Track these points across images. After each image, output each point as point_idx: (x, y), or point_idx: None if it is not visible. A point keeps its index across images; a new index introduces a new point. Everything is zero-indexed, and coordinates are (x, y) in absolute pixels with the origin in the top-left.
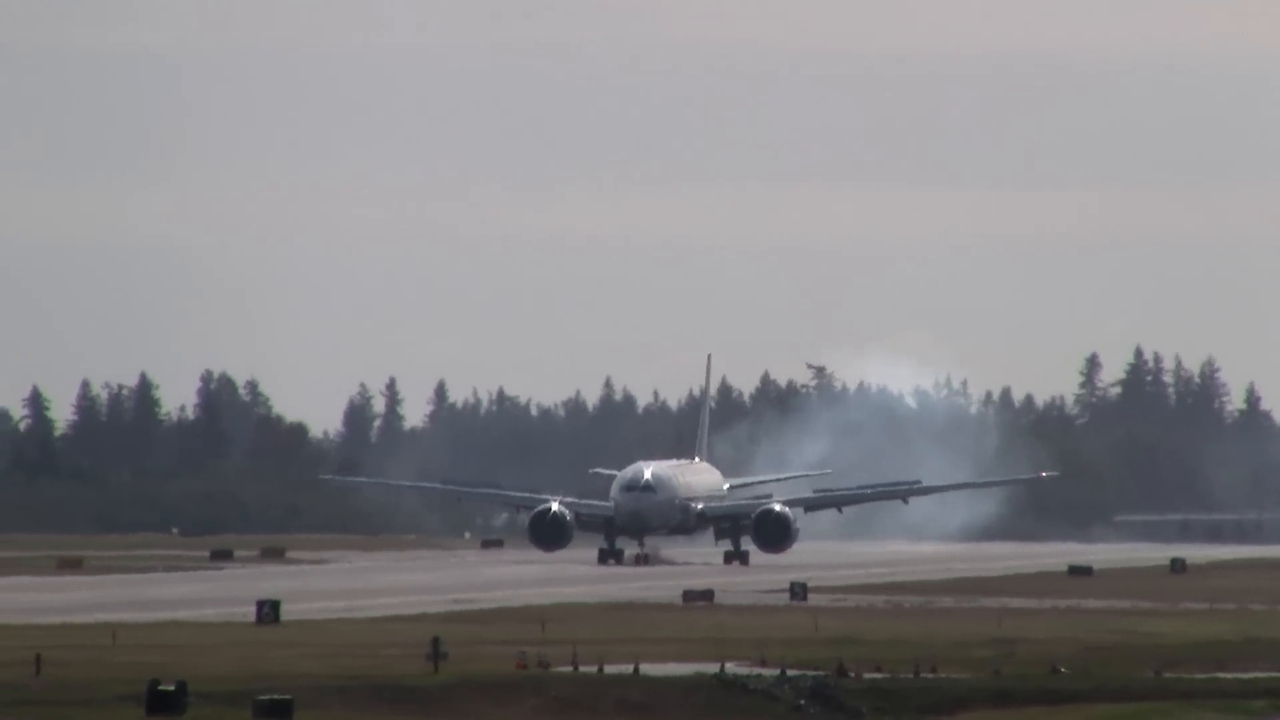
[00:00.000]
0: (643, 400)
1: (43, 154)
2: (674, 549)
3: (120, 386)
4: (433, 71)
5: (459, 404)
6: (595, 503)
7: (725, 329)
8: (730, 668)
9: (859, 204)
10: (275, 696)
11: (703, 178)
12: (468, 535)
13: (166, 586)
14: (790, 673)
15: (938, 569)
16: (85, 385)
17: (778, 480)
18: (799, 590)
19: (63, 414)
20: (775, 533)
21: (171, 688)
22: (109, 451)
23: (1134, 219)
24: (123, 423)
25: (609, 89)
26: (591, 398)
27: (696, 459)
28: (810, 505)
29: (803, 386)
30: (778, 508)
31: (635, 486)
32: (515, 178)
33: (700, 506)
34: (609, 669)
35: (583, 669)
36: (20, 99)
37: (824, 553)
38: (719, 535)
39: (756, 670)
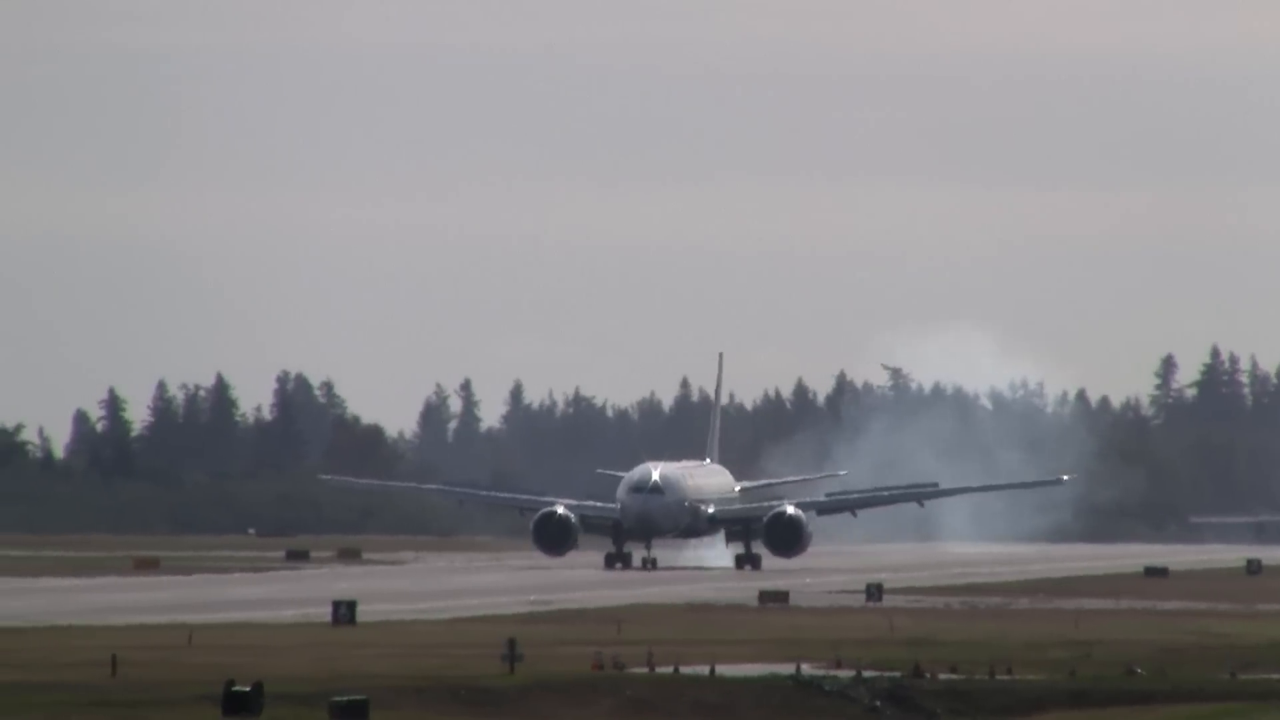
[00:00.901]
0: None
1: (114, 156)
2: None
3: (197, 388)
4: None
5: (534, 405)
6: (602, 504)
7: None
8: (806, 669)
9: (936, 205)
10: (351, 697)
11: (773, 181)
12: None
13: (243, 587)
14: (866, 674)
15: (1014, 570)
16: (162, 386)
17: (792, 482)
18: (874, 591)
19: (139, 415)
20: (787, 536)
21: (247, 688)
22: (185, 452)
23: (1210, 219)
24: (199, 424)
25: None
26: (667, 398)
27: (708, 460)
28: (823, 509)
29: (879, 388)
30: (790, 511)
31: (643, 488)
32: (590, 181)
33: (711, 509)
34: (685, 670)
35: (658, 670)
36: (80, 99)
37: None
38: (730, 538)
39: (832, 671)
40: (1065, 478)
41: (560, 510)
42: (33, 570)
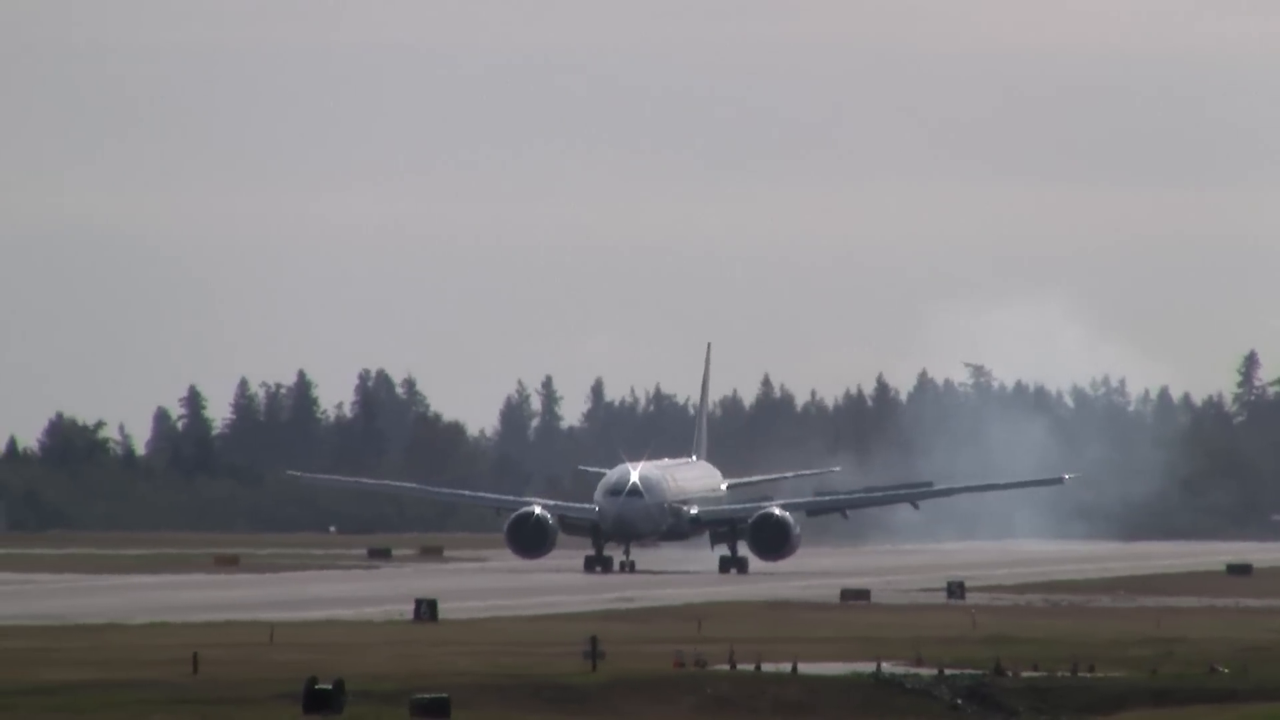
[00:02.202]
0: (800, 398)
1: (199, 155)
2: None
3: (278, 385)
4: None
5: (616, 402)
6: (582, 505)
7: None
8: (887, 667)
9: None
10: (432, 695)
11: (849, 179)
12: None
13: (324, 585)
14: (947, 672)
15: (1095, 568)
16: (243, 384)
17: (783, 479)
18: (956, 589)
19: (220, 413)
20: (774, 539)
21: (329, 686)
22: (266, 450)
23: None
24: (280, 421)
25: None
26: (748, 396)
27: (694, 457)
28: (813, 509)
29: (961, 385)
30: (777, 511)
31: (620, 490)
32: (674, 181)
33: (694, 510)
34: (766, 668)
35: (740, 668)
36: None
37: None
38: (715, 540)
39: (913, 669)
40: (1067, 476)
41: (538, 511)
42: (114, 568)
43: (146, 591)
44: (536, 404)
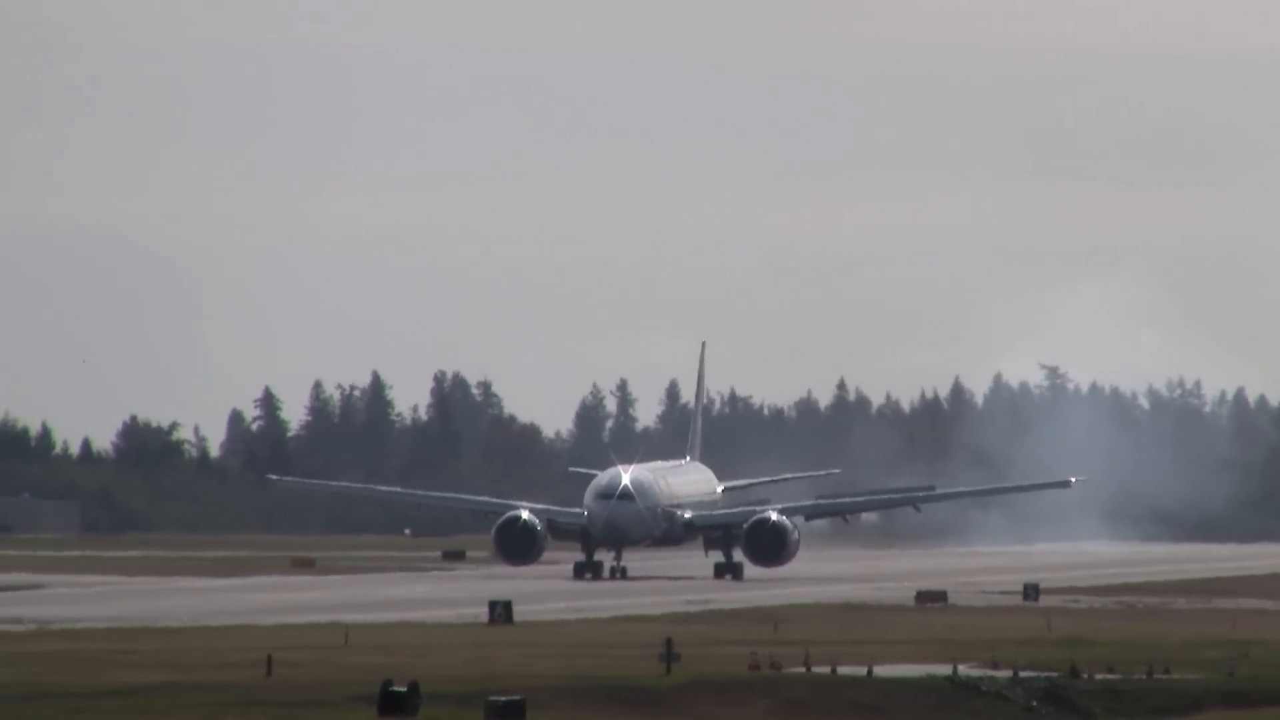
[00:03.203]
0: (876, 401)
1: (275, 155)
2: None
3: (352, 387)
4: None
5: (691, 404)
6: (571, 510)
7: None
8: (963, 669)
9: (1089, 203)
10: (507, 697)
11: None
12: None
13: (399, 587)
14: (1023, 674)
15: (1171, 570)
16: (318, 386)
17: (780, 481)
18: (1031, 591)
19: (295, 415)
20: (771, 544)
21: (404, 688)
22: (341, 452)
23: None
24: (355, 423)
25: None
26: (824, 398)
27: (688, 459)
28: (811, 513)
29: (1036, 387)
30: (774, 516)
31: (610, 494)
32: (746, 181)
33: (687, 514)
34: (842, 670)
35: (815, 670)
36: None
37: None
38: (709, 546)
39: (989, 672)
40: (1073, 480)
41: (525, 515)
42: (188, 570)
43: (221, 594)
44: (611, 406)
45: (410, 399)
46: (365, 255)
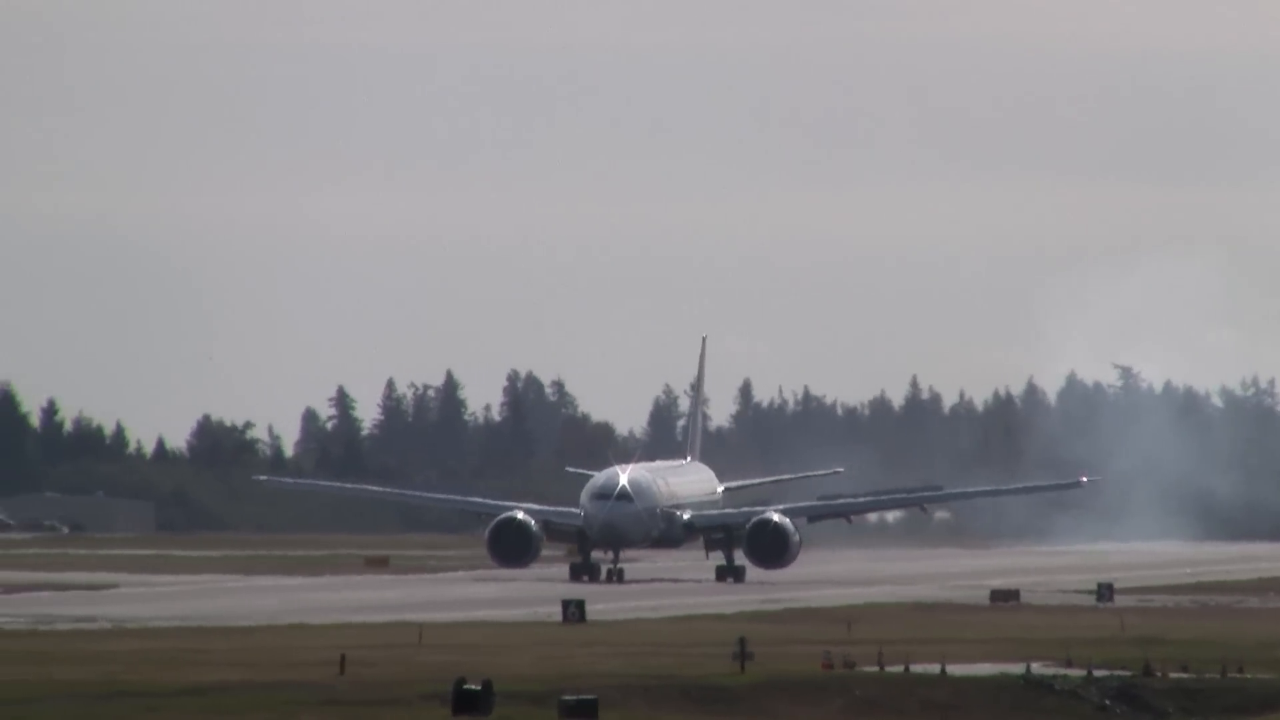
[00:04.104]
0: (949, 400)
1: (341, 155)
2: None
3: (426, 386)
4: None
5: (764, 403)
6: (568, 510)
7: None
8: (1036, 668)
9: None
10: (580, 696)
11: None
12: None
13: (472, 586)
14: (1096, 673)
15: (1246, 569)
16: (391, 385)
17: (783, 481)
18: (1105, 591)
19: (369, 414)
20: (772, 546)
21: (477, 687)
22: (414, 451)
23: None
24: (428, 422)
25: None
26: (897, 397)
27: (688, 458)
28: (814, 514)
29: (1110, 386)
30: (776, 518)
31: (608, 495)
32: (817, 181)
33: (687, 515)
34: (915, 669)
35: (889, 669)
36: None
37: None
38: (709, 547)
39: (1062, 671)
40: (1084, 479)
41: (520, 516)
42: (262, 569)
43: (295, 593)
44: (685, 405)
45: (483, 398)
46: (439, 255)
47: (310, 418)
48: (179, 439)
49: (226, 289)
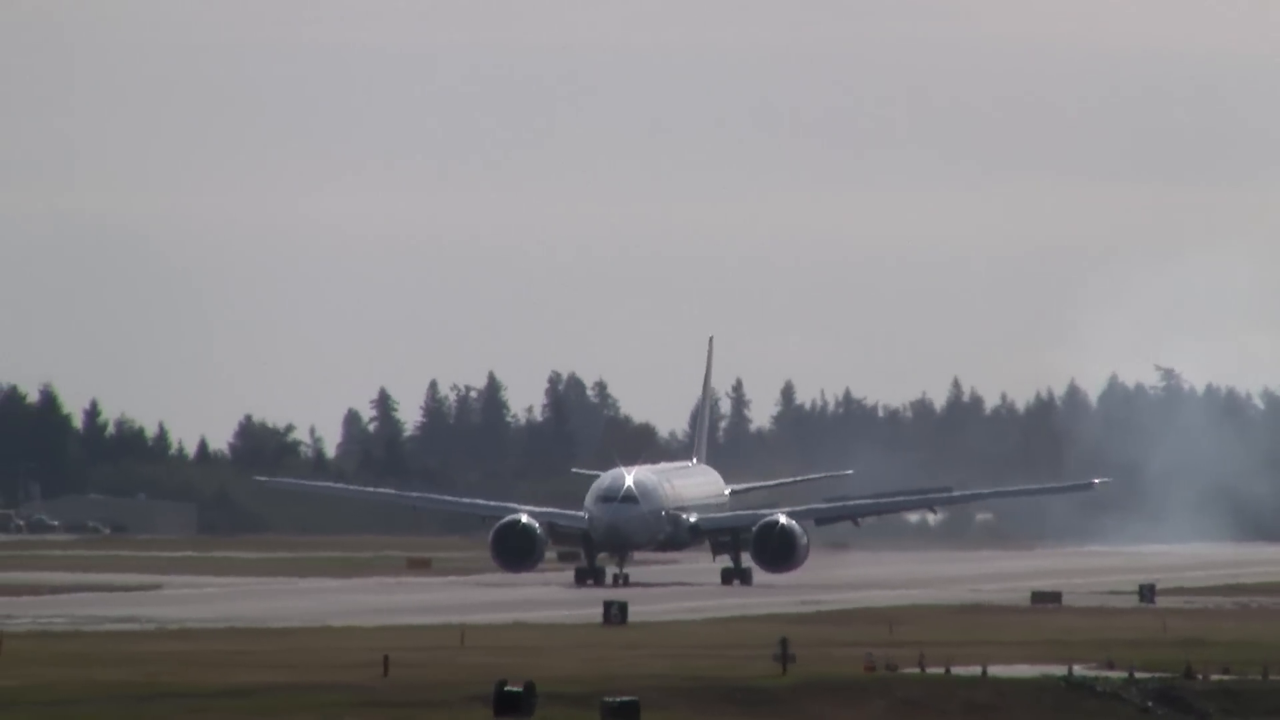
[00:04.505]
0: (990, 402)
1: (399, 158)
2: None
3: (468, 388)
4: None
5: (806, 405)
6: (573, 513)
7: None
8: (1078, 670)
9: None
10: (622, 698)
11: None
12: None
13: (514, 588)
14: (1138, 675)
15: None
16: (433, 387)
17: (790, 484)
18: (1147, 592)
19: (411, 416)
20: (779, 549)
21: (519, 689)
22: (457, 453)
23: None
24: (470, 424)
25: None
26: (939, 399)
27: (694, 460)
28: (821, 516)
29: (1151, 388)
30: (783, 520)
31: (613, 497)
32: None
33: (693, 518)
34: (956, 670)
35: (930, 670)
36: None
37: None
38: (716, 550)
39: (1104, 672)
40: (1097, 481)
41: (524, 519)
42: (305, 571)
43: (338, 594)
44: (726, 406)
45: (525, 400)
46: (481, 257)
47: (352, 420)
48: (221, 441)
49: (269, 291)
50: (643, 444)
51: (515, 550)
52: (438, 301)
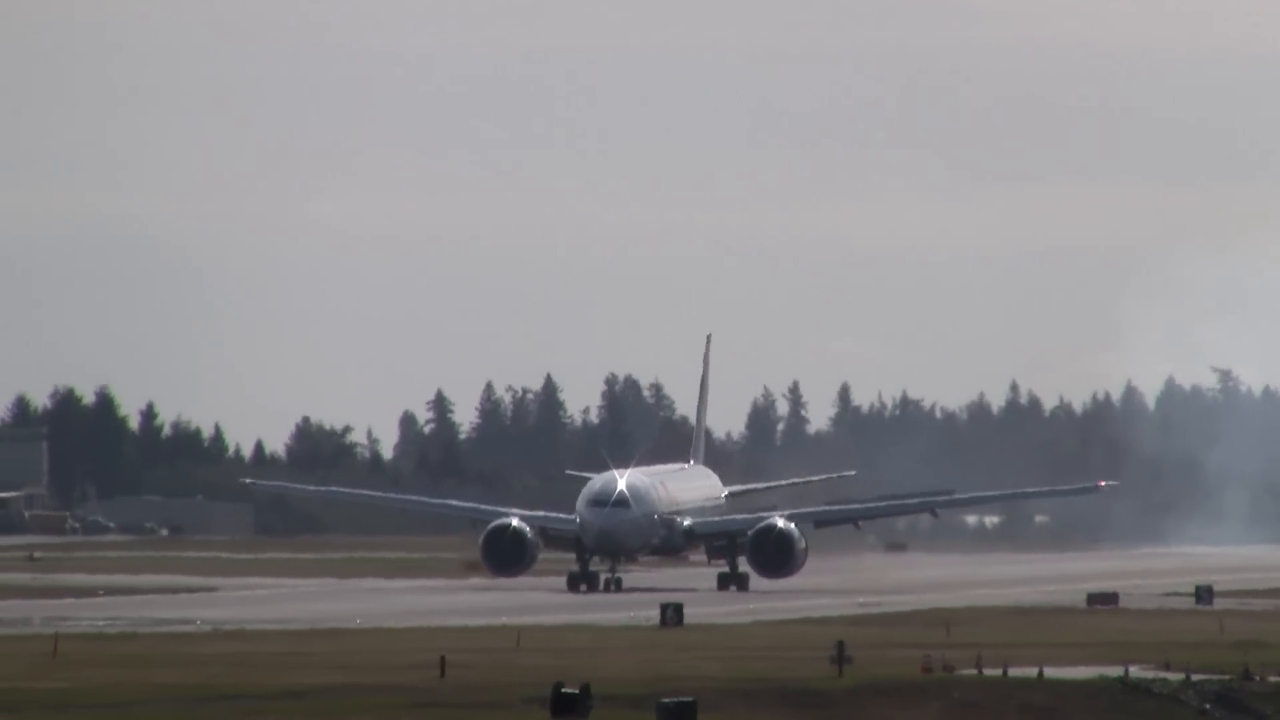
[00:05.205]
0: (1048, 404)
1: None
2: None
3: (524, 390)
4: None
5: (863, 407)
6: (566, 516)
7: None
8: (1135, 671)
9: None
10: (678, 699)
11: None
12: (871, 539)
13: (570, 591)
14: (1195, 677)
15: None
16: (489, 388)
17: (789, 485)
18: (1204, 594)
19: (467, 417)
20: (776, 554)
21: (575, 690)
22: (513, 454)
23: None
24: (526, 425)
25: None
26: (996, 401)
27: (691, 462)
28: (821, 520)
29: (1208, 390)
30: (780, 524)
31: (604, 501)
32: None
33: (688, 522)
34: (1013, 672)
35: (987, 672)
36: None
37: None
38: (712, 555)
39: (1161, 674)
40: (1102, 484)
41: (515, 523)
42: (361, 572)
43: (394, 596)
44: (783, 408)
45: (581, 401)
46: (538, 258)
47: (408, 421)
48: (277, 442)
49: (326, 292)
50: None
51: (506, 554)
52: (494, 303)
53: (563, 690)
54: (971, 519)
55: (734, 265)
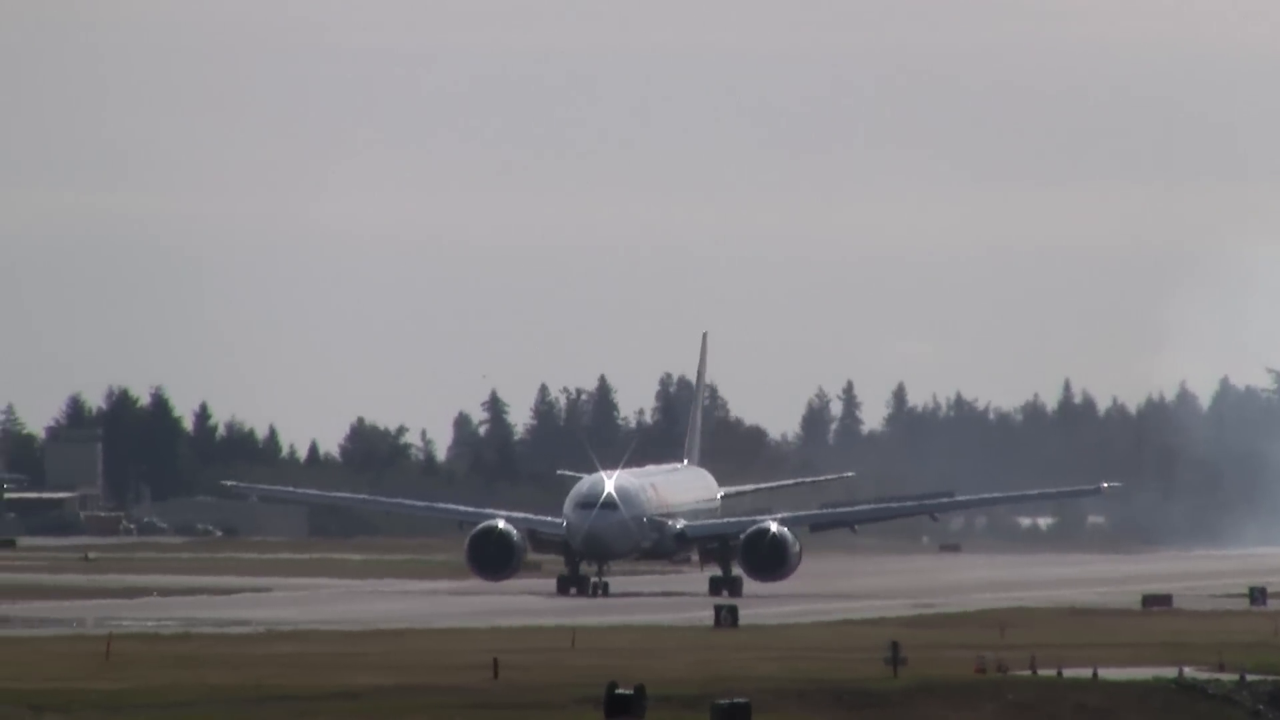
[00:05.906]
0: (1102, 404)
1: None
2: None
3: (579, 391)
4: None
5: (918, 407)
6: (553, 519)
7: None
8: (1189, 672)
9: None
10: (733, 700)
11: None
12: (925, 540)
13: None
14: (1249, 677)
15: None
16: (543, 389)
17: (786, 486)
18: (1258, 595)
19: (521, 418)
20: (769, 558)
21: (630, 691)
22: (567, 455)
23: None
24: (580, 426)
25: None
26: (1050, 401)
27: (685, 462)
28: (816, 523)
29: (1264, 391)
30: (774, 527)
31: (592, 503)
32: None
33: (679, 524)
34: (1067, 673)
35: (1041, 673)
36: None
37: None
38: (704, 559)
39: (1215, 675)
40: (1105, 485)
41: (500, 525)
42: (415, 573)
43: (448, 597)
44: (837, 409)
45: (636, 402)
46: (592, 259)
47: (462, 422)
48: (331, 443)
49: (381, 293)
50: (753, 448)
51: (492, 558)
52: (548, 304)
53: (617, 691)
54: (1025, 520)
55: (787, 265)
